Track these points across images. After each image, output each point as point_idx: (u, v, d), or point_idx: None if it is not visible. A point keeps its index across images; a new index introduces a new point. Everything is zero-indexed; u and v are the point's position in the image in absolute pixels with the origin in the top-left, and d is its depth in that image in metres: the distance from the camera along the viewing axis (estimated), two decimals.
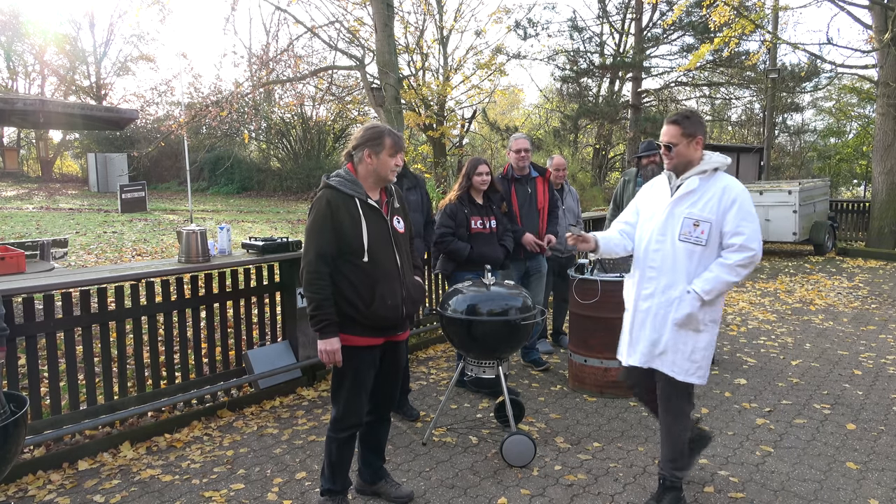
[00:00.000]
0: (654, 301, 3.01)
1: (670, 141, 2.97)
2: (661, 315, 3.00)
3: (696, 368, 2.98)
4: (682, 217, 2.95)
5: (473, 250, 4.53)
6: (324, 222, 2.84)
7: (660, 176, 3.24)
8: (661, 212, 3.03)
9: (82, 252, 10.81)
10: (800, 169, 22.46)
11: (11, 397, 2.45)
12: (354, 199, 2.89)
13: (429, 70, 20.28)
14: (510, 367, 5.29)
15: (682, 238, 2.94)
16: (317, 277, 2.82)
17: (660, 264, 3.00)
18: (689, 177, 3.00)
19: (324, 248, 2.83)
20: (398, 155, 2.96)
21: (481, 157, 4.73)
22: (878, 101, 12.54)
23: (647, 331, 3.04)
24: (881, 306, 7.80)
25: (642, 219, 3.17)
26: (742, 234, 2.87)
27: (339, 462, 3.03)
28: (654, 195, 3.17)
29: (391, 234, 2.97)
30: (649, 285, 3.03)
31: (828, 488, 3.35)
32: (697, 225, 2.91)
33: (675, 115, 3.03)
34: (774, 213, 11.63)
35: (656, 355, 3.02)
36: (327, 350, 2.84)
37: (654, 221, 3.05)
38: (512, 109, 32.82)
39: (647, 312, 3.04)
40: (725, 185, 2.96)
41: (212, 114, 12.56)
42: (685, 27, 18.85)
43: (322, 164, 27.23)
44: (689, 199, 2.96)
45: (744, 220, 2.88)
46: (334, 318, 2.84)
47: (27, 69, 32.92)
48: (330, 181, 2.93)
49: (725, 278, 2.87)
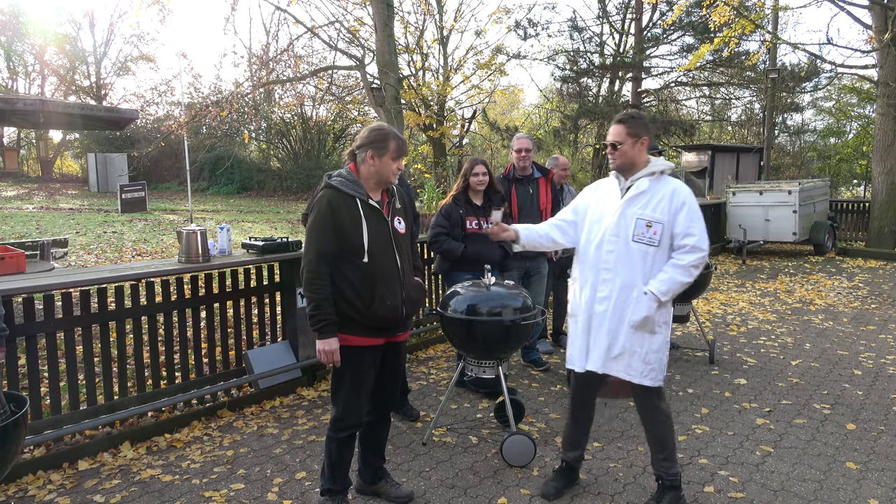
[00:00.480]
0: (611, 303, 3.00)
1: (616, 140, 3.03)
2: (616, 317, 2.99)
3: (650, 370, 2.99)
4: (635, 218, 2.97)
5: (468, 250, 4.51)
6: (324, 222, 2.84)
7: (606, 179, 3.25)
8: (612, 213, 3.04)
9: (82, 252, 10.81)
10: (800, 169, 22.46)
11: (11, 397, 2.45)
12: (356, 200, 2.89)
13: (429, 70, 20.29)
14: (510, 367, 5.29)
15: (635, 239, 2.96)
16: (317, 277, 2.82)
17: (614, 265, 3.00)
18: (638, 178, 3.03)
19: (324, 247, 2.83)
20: (400, 158, 2.96)
21: (480, 157, 4.70)
22: (878, 101, 12.54)
23: (603, 334, 3.02)
24: (881, 306, 7.80)
25: (589, 220, 3.16)
26: (693, 236, 2.93)
27: (339, 462, 3.03)
28: (600, 196, 3.17)
29: (392, 234, 2.97)
30: (604, 287, 3.02)
31: (828, 488, 3.35)
32: (650, 226, 2.95)
33: (621, 115, 3.09)
34: (774, 213, 11.63)
35: (612, 358, 3.01)
36: (325, 350, 2.84)
37: (605, 223, 3.05)
38: (512, 109, 32.82)
39: (603, 315, 3.02)
40: (674, 187, 3.01)
41: (212, 114, 12.56)
42: (685, 27, 18.84)
43: (322, 164, 27.23)
44: (641, 201, 2.99)
45: (693, 221, 2.95)
46: (333, 318, 2.84)
47: (27, 69, 32.94)
48: (331, 181, 2.92)
49: (679, 279, 2.91)
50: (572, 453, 3.32)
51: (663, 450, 3.09)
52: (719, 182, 16.33)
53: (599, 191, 3.20)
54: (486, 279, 3.76)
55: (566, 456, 3.34)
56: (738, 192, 12.21)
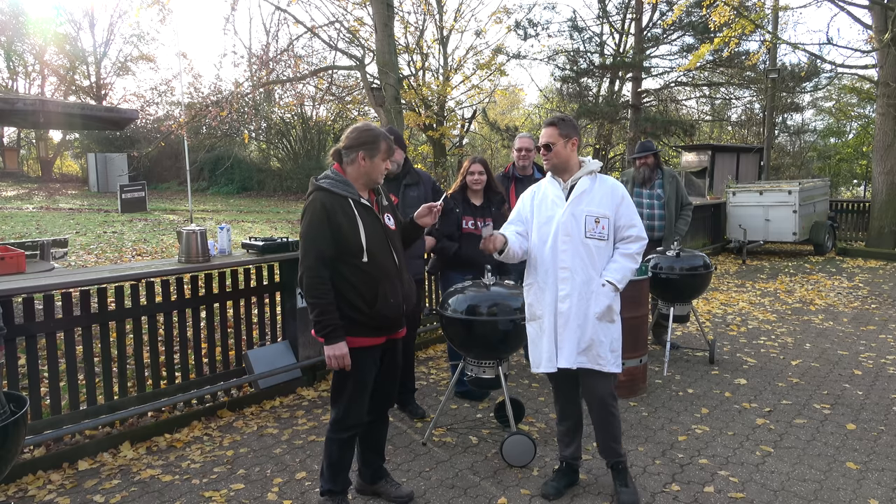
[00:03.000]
0: (573, 300, 3.11)
1: (549, 141, 3.16)
2: (582, 312, 3.11)
3: (615, 357, 3.16)
4: (584, 215, 3.12)
5: (462, 250, 4.47)
6: (321, 225, 2.79)
7: (541, 183, 3.34)
8: (560, 214, 3.14)
9: (82, 252, 10.81)
10: (800, 169, 22.45)
11: (11, 397, 2.44)
12: (348, 200, 2.86)
13: (429, 70, 20.30)
14: (510, 367, 5.29)
15: (588, 235, 3.11)
16: (319, 282, 2.78)
17: (571, 263, 3.10)
18: (579, 177, 3.18)
19: (323, 249, 2.80)
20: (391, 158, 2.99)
21: (478, 157, 4.66)
22: (878, 101, 12.54)
23: (571, 330, 3.10)
24: (881, 306, 7.80)
25: (536, 223, 3.23)
26: (635, 226, 3.17)
27: (340, 462, 3.03)
28: (542, 200, 3.25)
29: (385, 232, 2.97)
30: (565, 285, 3.11)
31: (828, 488, 3.35)
32: (598, 221, 3.12)
33: (551, 118, 3.23)
34: (774, 213, 11.63)
35: (582, 351, 3.11)
36: (335, 355, 2.80)
37: (554, 223, 3.14)
38: (512, 109, 32.82)
39: (567, 313, 3.11)
40: (612, 183, 3.21)
41: (212, 114, 12.56)
42: (685, 27, 18.82)
43: (322, 164, 27.21)
44: (586, 199, 3.14)
45: (633, 213, 3.19)
46: (339, 322, 2.81)
47: (27, 69, 32.95)
48: (321, 183, 2.88)
49: (631, 266, 3.13)
50: (568, 450, 3.35)
51: (614, 435, 3.22)
52: (719, 182, 16.32)
53: (538, 195, 3.29)
54: (487, 279, 3.76)
55: (563, 455, 3.37)
56: (738, 192, 12.20)
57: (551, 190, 3.24)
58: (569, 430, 3.34)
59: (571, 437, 3.34)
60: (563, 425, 3.36)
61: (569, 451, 3.35)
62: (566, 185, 3.19)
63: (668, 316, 5.33)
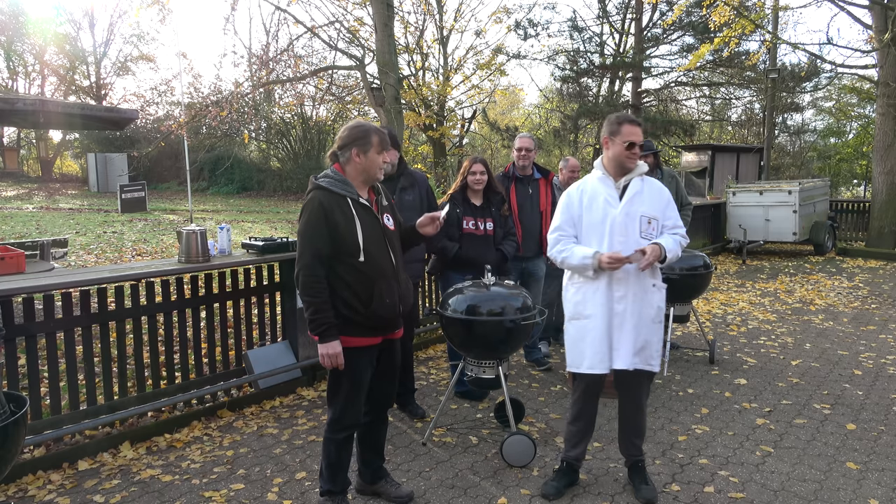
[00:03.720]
0: (629, 301, 3.11)
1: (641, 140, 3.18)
2: (637, 313, 3.13)
3: (659, 356, 3.24)
4: (639, 216, 3.14)
5: (463, 251, 4.46)
6: (318, 224, 2.80)
7: (587, 181, 3.26)
8: (615, 214, 3.12)
9: (82, 252, 10.80)
10: (800, 169, 22.45)
11: (11, 397, 2.44)
12: (347, 199, 2.87)
13: (429, 70, 20.31)
14: (510, 367, 5.29)
15: (642, 236, 3.13)
16: (315, 281, 2.80)
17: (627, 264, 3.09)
18: (631, 179, 3.19)
19: (319, 249, 2.80)
20: (384, 152, 2.94)
21: (479, 157, 4.65)
22: (878, 101, 12.54)
23: (627, 331, 3.11)
24: (881, 306, 7.80)
25: (587, 224, 3.18)
26: (680, 227, 3.25)
27: (338, 462, 3.03)
28: (590, 200, 3.19)
29: (384, 232, 2.97)
30: (620, 286, 3.12)
31: (828, 488, 3.35)
32: (650, 222, 3.16)
33: (636, 119, 3.21)
34: (774, 213, 11.63)
35: (637, 352, 3.13)
36: (329, 354, 2.81)
37: (608, 223, 3.12)
38: (512, 109, 32.81)
39: (623, 314, 3.11)
40: (658, 186, 3.26)
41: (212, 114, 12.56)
42: (685, 27, 18.83)
43: (322, 164, 27.18)
44: (638, 200, 3.17)
45: (678, 215, 3.27)
46: (333, 320, 2.82)
47: (27, 69, 32.94)
48: (320, 182, 2.89)
49: (676, 248, 3.16)
50: (575, 451, 3.34)
51: (641, 434, 3.32)
52: (719, 182, 16.32)
53: (586, 194, 3.22)
54: (487, 279, 3.76)
55: (568, 455, 3.35)
56: (738, 192, 12.20)
57: (602, 189, 3.18)
58: (580, 431, 3.32)
59: (581, 438, 3.33)
60: (576, 425, 3.32)
61: (576, 451, 3.35)
62: (619, 185, 3.17)
63: (668, 316, 5.33)
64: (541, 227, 5.06)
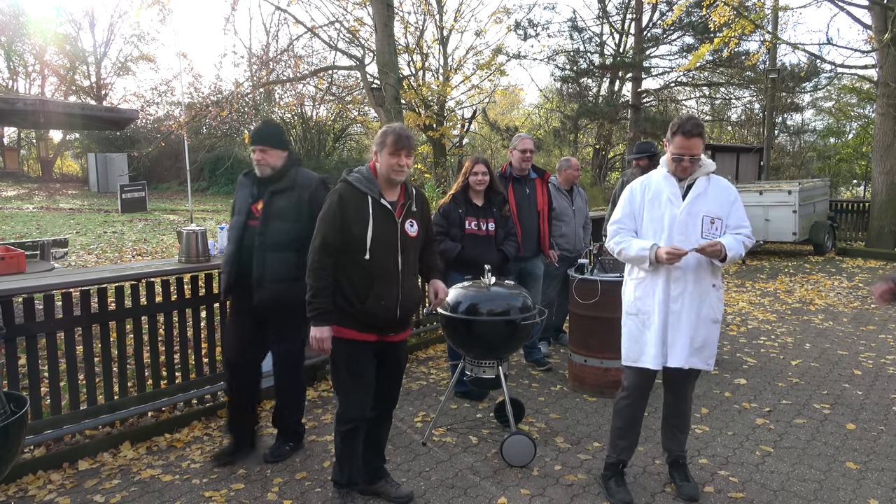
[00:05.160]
0: (685, 300, 3.13)
1: (698, 153, 3.11)
2: (694, 312, 3.13)
3: (713, 355, 3.23)
4: (701, 216, 3.13)
5: (465, 251, 4.46)
6: (333, 215, 2.92)
7: (652, 177, 3.26)
8: (676, 213, 3.12)
9: (82, 252, 10.81)
10: (800, 169, 22.45)
11: (11, 397, 2.45)
12: (367, 197, 2.94)
13: (429, 70, 20.30)
14: (510, 367, 5.29)
15: (704, 236, 3.12)
16: (318, 266, 2.92)
17: (685, 263, 3.10)
18: (697, 178, 3.18)
19: (329, 239, 2.92)
20: (400, 153, 2.92)
21: (481, 157, 4.66)
22: (878, 101, 12.54)
23: (682, 330, 3.11)
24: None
25: (647, 220, 3.20)
26: (746, 227, 3.20)
27: (344, 455, 3.08)
28: (653, 197, 3.20)
29: (399, 236, 2.99)
30: (677, 285, 3.13)
31: (828, 488, 3.35)
32: (713, 222, 3.14)
33: (696, 128, 3.08)
34: (774, 213, 11.63)
35: (695, 351, 3.14)
36: (317, 337, 2.92)
37: (669, 222, 3.13)
38: (512, 109, 32.82)
39: (679, 312, 3.12)
40: (725, 184, 3.23)
41: (212, 114, 12.58)
42: (685, 27, 18.84)
43: (322, 163, 27.18)
44: (703, 199, 3.15)
45: (744, 214, 3.23)
46: (329, 307, 2.92)
47: (27, 69, 32.92)
48: (349, 176, 3.01)
49: (738, 247, 3.12)
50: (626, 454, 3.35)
51: (686, 429, 3.39)
52: None
53: (649, 190, 3.22)
54: (487, 279, 3.76)
55: (621, 457, 3.33)
56: (738, 192, 12.18)
57: (666, 187, 3.18)
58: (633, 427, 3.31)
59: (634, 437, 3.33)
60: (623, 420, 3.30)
61: (628, 453, 3.35)
62: (683, 184, 3.17)
63: None
64: (538, 226, 5.07)
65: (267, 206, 3.48)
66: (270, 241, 3.44)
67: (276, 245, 3.44)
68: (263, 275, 3.43)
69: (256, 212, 3.52)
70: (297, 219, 3.46)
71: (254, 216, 3.52)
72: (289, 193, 3.51)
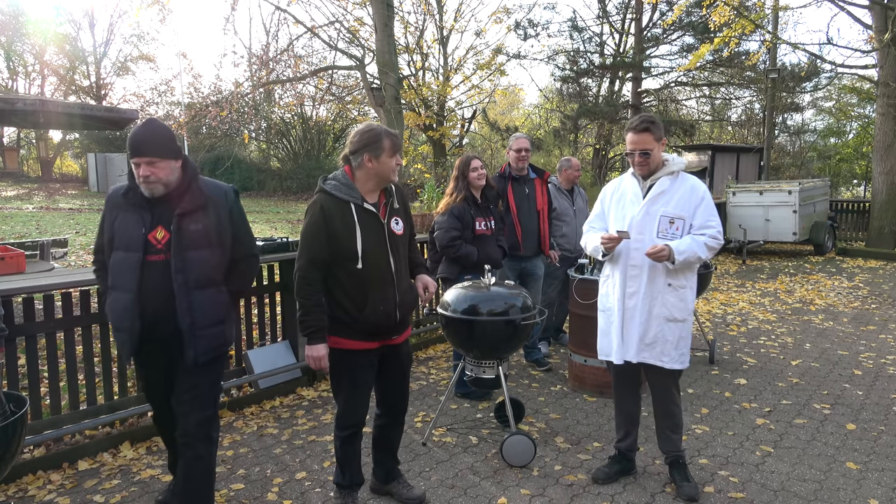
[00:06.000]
0: (640, 298, 3.18)
1: (647, 148, 3.11)
2: (646, 310, 3.18)
3: (680, 355, 3.22)
4: (659, 215, 3.14)
5: (480, 254, 4.44)
6: (318, 229, 2.82)
7: (623, 177, 3.36)
8: (636, 212, 3.17)
9: (82, 252, 10.80)
10: (800, 169, 22.45)
11: (11, 397, 2.45)
12: (350, 205, 2.85)
13: (429, 70, 20.30)
14: (510, 367, 5.29)
15: (660, 236, 3.12)
16: (307, 283, 2.83)
17: (641, 262, 3.16)
18: (659, 177, 3.18)
19: (316, 254, 2.82)
20: (397, 154, 2.92)
21: (472, 154, 4.67)
22: (878, 101, 12.54)
23: (634, 326, 3.19)
24: (881, 306, 7.80)
25: (613, 220, 3.31)
26: (711, 227, 3.12)
27: (344, 458, 3.07)
28: (620, 196, 3.30)
29: (387, 237, 2.93)
30: (633, 283, 3.20)
31: (828, 488, 3.35)
32: (673, 222, 3.12)
33: (643, 123, 3.11)
34: (774, 213, 11.63)
35: (645, 346, 3.19)
36: (313, 357, 2.86)
37: (628, 221, 3.19)
38: (512, 109, 32.80)
39: (633, 310, 3.20)
40: (692, 184, 3.19)
41: (212, 114, 12.57)
42: (685, 27, 18.82)
43: (322, 163, 27.23)
44: (663, 199, 3.15)
45: (711, 215, 3.15)
46: (322, 324, 2.85)
47: (27, 69, 32.90)
48: (325, 185, 2.88)
49: (696, 249, 3.06)
50: (623, 443, 3.45)
51: (679, 429, 3.33)
52: (719, 182, 16.32)
53: (618, 190, 3.32)
54: (486, 279, 3.76)
55: (618, 445, 3.47)
56: (738, 192, 12.20)
57: (630, 187, 3.26)
58: (623, 421, 3.43)
59: (623, 428, 3.44)
60: (617, 414, 3.46)
61: (624, 443, 3.45)
62: (646, 184, 3.19)
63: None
64: (539, 226, 5.07)
65: (177, 234, 2.65)
66: (194, 277, 2.66)
67: (203, 281, 2.69)
68: (195, 322, 2.66)
69: (157, 242, 2.66)
70: (220, 242, 2.76)
71: (154, 249, 2.66)
72: (202, 214, 2.72)
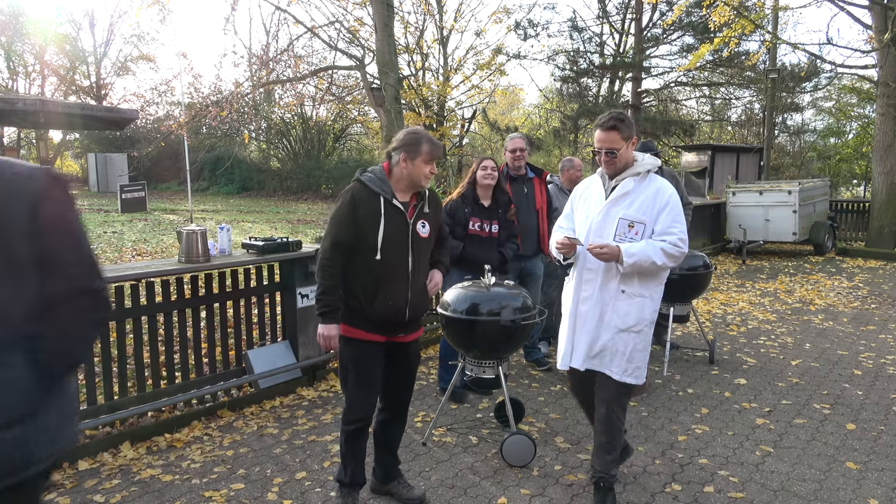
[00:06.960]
0: (592, 303, 3.03)
1: (613, 147, 2.93)
2: (597, 316, 3.01)
3: (634, 369, 3.00)
4: (618, 218, 2.97)
5: (466, 251, 4.45)
6: (345, 214, 2.93)
7: (593, 177, 3.21)
8: (596, 213, 3.04)
9: None
10: (800, 169, 22.45)
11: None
12: (380, 198, 2.94)
13: (429, 70, 20.31)
14: (510, 367, 5.29)
15: (617, 239, 2.94)
16: (329, 264, 2.93)
17: (596, 266, 3.01)
18: (623, 178, 3.00)
19: (340, 237, 2.93)
20: (433, 162, 2.98)
21: (488, 156, 4.68)
22: (878, 101, 12.54)
23: (585, 333, 3.04)
24: (881, 306, 7.80)
25: (577, 221, 3.18)
26: (672, 234, 2.91)
27: (348, 454, 3.07)
28: (587, 197, 3.16)
29: (410, 237, 2.99)
30: (587, 287, 3.05)
31: (828, 488, 3.35)
32: (632, 226, 2.94)
33: (611, 121, 2.93)
34: (774, 213, 11.63)
35: (593, 356, 3.03)
36: (325, 335, 2.93)
37: (590, 223, 3.05)
38: (512, 109, 32.81)
39: (585, 315, 3.05)
40: (658, 187, 2.98)
41: (212, 114, 12.57)
42: (685, 27, 18.83)
43: (322, 163, 27.24)
44: (625, 201, 2.98)
45: (675, 221, 2.94)
46: (338, 305, 2.93)
47: (27, 69, 32.89)
48: (361, 176, 3.01)
49: (649, 254, 2.86)
50: None
51: (613, 450, 3.07)
52: (719, 182, 16.32)
53: (586, 190, 3.20)
54: (486, 279, 3.76)
55: None
56: (738, 192, 12.21)
57: (596, 187, 3.13)
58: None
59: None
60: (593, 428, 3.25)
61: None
62: (610, 185, 3.04)
63: (667, 316, 5.33)
64: (538, 225, 5.07)
65: None
66: None
67: None
68: None
69: None
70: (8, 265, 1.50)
71: None
72: None
